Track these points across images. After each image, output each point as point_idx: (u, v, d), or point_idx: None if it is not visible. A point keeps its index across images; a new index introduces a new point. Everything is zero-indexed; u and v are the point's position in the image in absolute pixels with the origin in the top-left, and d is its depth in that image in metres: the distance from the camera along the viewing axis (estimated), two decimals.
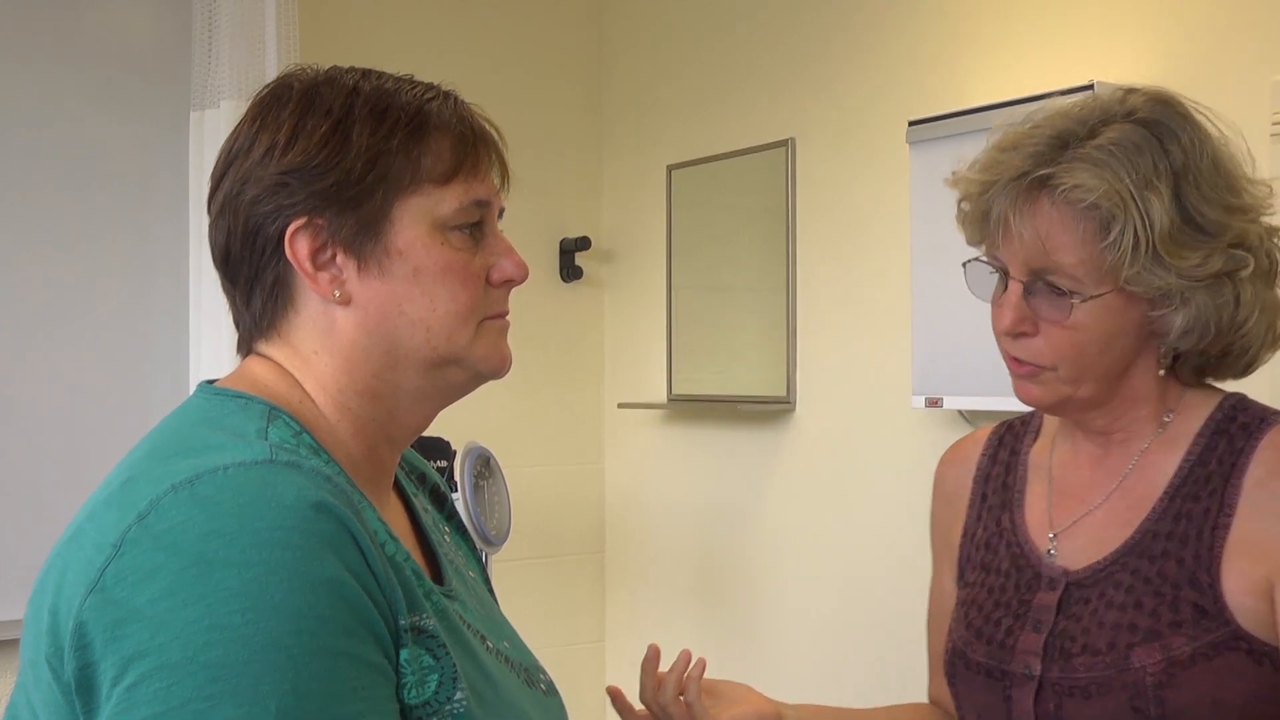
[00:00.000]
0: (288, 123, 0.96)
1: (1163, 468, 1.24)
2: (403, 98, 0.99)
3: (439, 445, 2.53)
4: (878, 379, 2.66)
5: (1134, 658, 1.15)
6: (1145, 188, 1.15)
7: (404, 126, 0.97)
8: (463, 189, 0.99)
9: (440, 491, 1.22)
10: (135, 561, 0.81)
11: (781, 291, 2.90)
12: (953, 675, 1.31)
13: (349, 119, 0.96)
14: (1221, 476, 1.20)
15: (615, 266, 3.47)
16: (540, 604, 3.29)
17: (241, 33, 2.71)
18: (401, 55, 1.71)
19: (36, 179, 2.71)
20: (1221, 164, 1.20)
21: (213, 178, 1.01)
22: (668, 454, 3.28)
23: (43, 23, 2.72)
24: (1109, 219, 1.15)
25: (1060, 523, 1.29)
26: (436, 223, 0.98)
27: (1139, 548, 1.21)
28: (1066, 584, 1.24)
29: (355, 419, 0.99)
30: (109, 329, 2.79)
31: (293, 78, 1.00)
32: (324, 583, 0.81)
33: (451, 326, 0.98)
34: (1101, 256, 1.16)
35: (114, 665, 0.80)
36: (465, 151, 1.00)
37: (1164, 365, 1.24)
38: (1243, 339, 1.21)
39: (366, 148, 0.96)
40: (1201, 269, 1.16)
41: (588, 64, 3.50)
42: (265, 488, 0.83)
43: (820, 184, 2.83)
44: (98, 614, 0.81)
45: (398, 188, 0.97)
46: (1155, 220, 1.14)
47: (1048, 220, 1.18)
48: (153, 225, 2.84)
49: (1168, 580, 1.18)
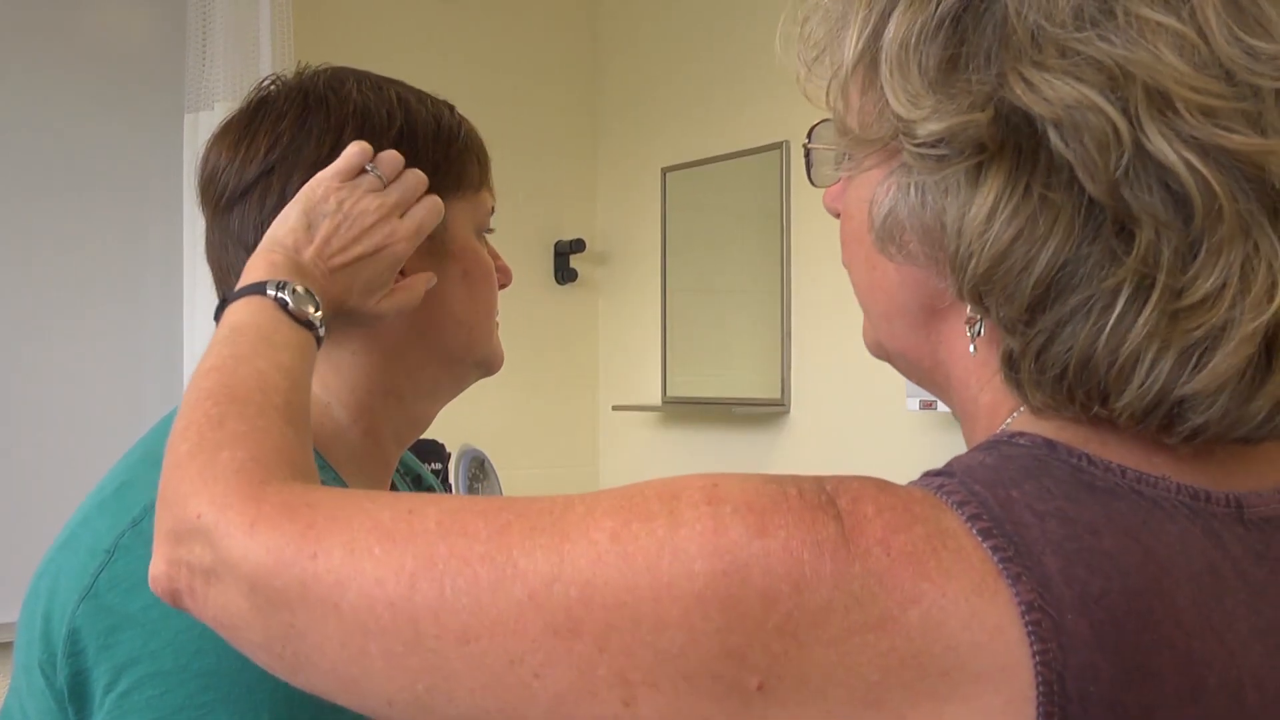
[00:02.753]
0: (351, 125, 0.95)
1: None
2: (441, 109, 1.01)
3: (434, 448, 2.53)
4: (872, 381, 2.66)
5: None
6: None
7: (455, 136, 1.00)
8: (487, 197, 1.04)
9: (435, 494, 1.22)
10: (128, 568, 0.81)
11: (776, 294, 2.90)
12: None
13: (412, 126, 0.97)
14: None
15: (610, 269, 3.47)
16: None
17: (236, 35, 2.71)
18: (396, 58, 1.71)
19: (30, 181, 2.70)
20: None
21: (238, 179, 0.96)
22: (662, 456, 3.28)
23: (36, 25, 2.72)
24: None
25: None
26: (476, 228, 1.02)
27: None
28: None
29: (372, 418, 0.99)
30: (104, 331, 2.78)
31: (309, 81, 0.99)
32: None
33: (487, 327, 1.03)
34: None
35: (107, 672, 0.80)
36: (485, 163, 1.04)
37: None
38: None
39: (432, 153, 0.98)
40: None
41: (582, 67, 3.50)
42: None
43: (814, 187, 2.83)
44: (91, 620, 0.81)
45: (452, 194, 0.99)
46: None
47: None
48: (147, 227, 2.83)
49: None
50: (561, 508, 0.61)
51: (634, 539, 0.57)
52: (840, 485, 0.58)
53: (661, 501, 0.58)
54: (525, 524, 0.60)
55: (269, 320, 0.83)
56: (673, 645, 0.55)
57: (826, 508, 0.56)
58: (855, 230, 0.72)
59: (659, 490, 0.59)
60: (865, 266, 0.72)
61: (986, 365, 0.66)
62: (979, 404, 0.68)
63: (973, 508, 0.57)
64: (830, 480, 0.59)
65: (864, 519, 0.56)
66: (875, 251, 0.69)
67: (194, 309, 2.72)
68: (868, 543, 0.55)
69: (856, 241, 0.73)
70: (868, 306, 0.74)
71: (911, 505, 0.58)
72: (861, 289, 0.74)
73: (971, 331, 0.66)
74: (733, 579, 0.55)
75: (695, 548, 0.55)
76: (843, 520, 0.56)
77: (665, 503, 0.58)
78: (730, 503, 0.56)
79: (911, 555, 0.55)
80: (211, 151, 0.99)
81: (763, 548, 0.55)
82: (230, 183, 0.97)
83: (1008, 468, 0.60)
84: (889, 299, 0.71)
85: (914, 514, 0.57)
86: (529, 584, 0.57)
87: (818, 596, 0.54)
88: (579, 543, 0.58)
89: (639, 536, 0.57)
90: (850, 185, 0.73)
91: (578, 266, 3.42)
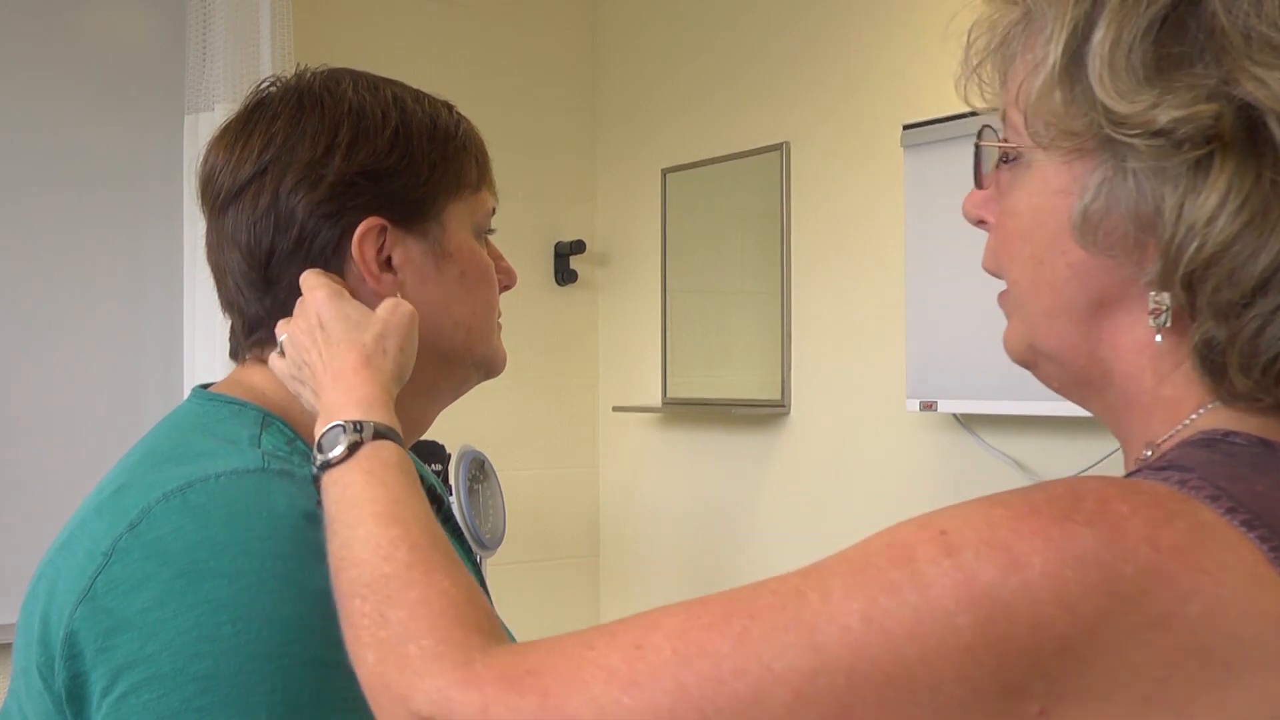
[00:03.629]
0: (346, 125, 0.95)
1: None
2: (439, 109, 1.01)
3: (434, 449, 2.53)
4: (872, 382, 2.66)
5: None
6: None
7: (453, 135, 1.00)
8: (487, 197, 1.03)
9: (436, 494, 1.22)
10: (126, 570, 0.81)
11: (776, 295, 2.90)
12: None
13: (407, 125, 0.97)
14: None
15: (610, 270, 3.47)
16: (535, 607, 3.28)
17: (235, 36, 2.71)
18: (396, 60, 1.71)
19: (29, 183, 2.70)
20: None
21: (232, 179, 0.96)
22: (662, 457, 3.28)
23: (35, 26, 2.72)
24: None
25: None
26: (474, 229, 1.02)
27: None
28: None
29: None
30: (103, 332, 2.78)
31: (305, 82, 0.99)
32: (315, 593, 0.80)
33: (487, 328, 1.02)
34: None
35: (104, 675, 0.79)
36: (484, 163, 1.04)
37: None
38: None
39: (428, 152, 0.98)
40: None
41: (582, 67, 3.50)
42: (257, 497, 0.83)
43: (815, 187, 2.83)
44: (88, 623, 0.81)
45: (449, 194, 0.99)
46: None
47: None
48: (147, 229, 2.83)
49: None
50: (792, 598, 0.60)
51: (887, 614, 0.56)
52: (1076, 490, 0.58)
53: (898, 568, 0.57)
54: (762, 626, 0.59)
55: (356, 478, 0.81)
56: (950, 700, 0.55)
57: (1072, 516, 0.56)
58: (1020, 228, 0.73)
59: (888, 555, 0.58)
60: (1030, 264, 0.72)
61: (1169, 357, 0.67)
62: (1158, 397, 0.68)
63: (1226, 501, 0.58)
64: (1057, 486, 0.58)
65: (1121, 519, 0.56)
66: (1046, 246, 0.70)
67: (194, 310, 2.72)
68: (1133, 542, 0.55)
69: (1021, 239, 0.73)
70: (1026, 305, 0.74)
71: (1165, 501, 0.58)
72: (1022, 288, 0.74)
73: (1157, 322, 0.66)
74: (999, 621, 0.54)
75: (952, 604, 0.55)
76: (1095, 525, 0.56)
77: (902, 568, 0.57)
78: (969, 547, 0.56)
79: (1181, 549, 0.55)
80: (210, 152, 0.99)
81: (1020, 581, 0.54)
82: (226, 183, 0.97)
83: (1239, 464, 0.61)
84: (1054, 295, 0.71)
85: (1171, 509, 0.57)
86: (792, 685, 0.57)
87: (1091, 607, 0.54)
88: (829, 632, 0.57)
89: (891, 610, 0.56)
90: (1015, 186, 0.73)
91: (578, 267, 3.42)
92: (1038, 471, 2.35)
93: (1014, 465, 2.37)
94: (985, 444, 2.43)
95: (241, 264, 0.97)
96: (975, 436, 2.45)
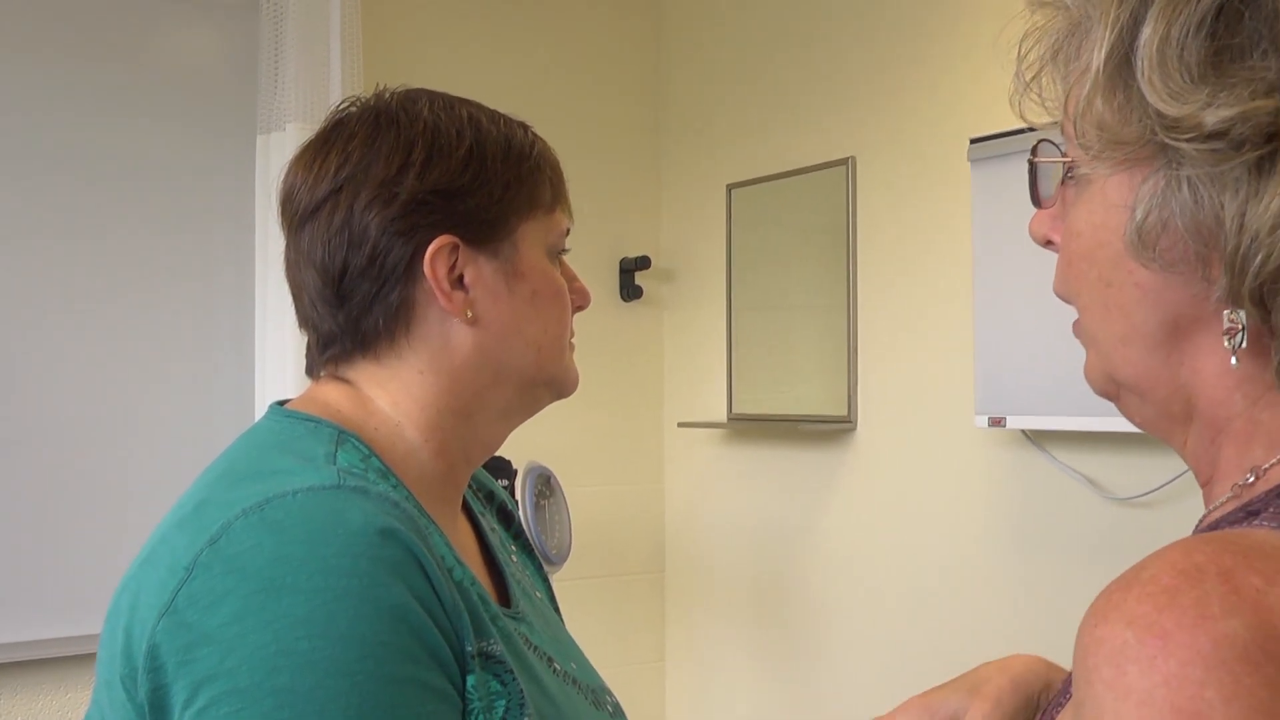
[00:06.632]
0: (420, 144, 0.97)
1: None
2: (514, 129, 1.02)
3: (501, 464, 2.55)
4: (940, 398, 2.64)
5: None
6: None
7: (527, 155, 1.01)
8: (561, 218, 1.05)
9: (507, 509, 1.23)
10: (206, 585, 0.82)
11: (842, 310, 2.88)
12: None
13: (481, 145, 0.99)
14: None
15: (675, 286, 3.47)
16: (600, 623, 3.29)
17: (306, 57, 2.76)
18: (464, 79, 1.73)
19: (105, 201, 2.76)
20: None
21: (309, 197, 0.98)
22: (728, 473, 3.27)
23: (111, 48, 2.78)
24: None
25: None
26: (548, 249, 1.03)
27: None
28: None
29: (443, 438, 1.00)
30: (177, 350, 2.83)
31: (383, 102, 1.01)
32: (390, 609, 0.82)
33: (558, 348, 1.03)
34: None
35: (185, 688, 0.81)
36: (559, 184, 1.05)
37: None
38: None
39: (502, 172, 0.99)
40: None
41: (647, 83, 3.51)
42: (333, 514, 0.84)
43: (881, 202, 2.82)
44: (170, 637, 0.82)
45: (522, 213, 1.00)
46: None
47: None
48: (219, 249, 2.88)
49: None
50: None
51: None
52: (1188, 572, 0.52)
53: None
54: None
55: None
56: None
57: (1205, 611, 0.51)
58: (1084, 249, 0.68)
59: None
60: (1098, 286, 0.68)
61: (1254, 379, 0.63)
62: (1255, 421, 0.64)
63: None
64: (1162, 578, 0.53)
65: (1259, 594, 0.51)
66: (1112, 267, 0.65)
67: (265, 328, 2.76)
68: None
69: (1086, 261, 0.68)
70: (1098, 333, 0.69)
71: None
72: (1093, 314, 0.69)
73: (1231, 343, 0.61)
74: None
75: None
76: (1239, 614, 0.51)
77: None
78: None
79: None
80: (289, 171, 1.02)
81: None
82: (303, 201, 0.99)
83: None
84: (1126, 320, 0.66)
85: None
86: None
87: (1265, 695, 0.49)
88: None
89: None
90: (1077, 204, 0.69)
91: (643, 283, 3.43)
92: (1109, 489, 2.31)
93: (1085, 482, 2.34)
94: (1056, 460, 2.40)
95: (316, 280, 0.98)
96: (1045, 453, 2.42)
